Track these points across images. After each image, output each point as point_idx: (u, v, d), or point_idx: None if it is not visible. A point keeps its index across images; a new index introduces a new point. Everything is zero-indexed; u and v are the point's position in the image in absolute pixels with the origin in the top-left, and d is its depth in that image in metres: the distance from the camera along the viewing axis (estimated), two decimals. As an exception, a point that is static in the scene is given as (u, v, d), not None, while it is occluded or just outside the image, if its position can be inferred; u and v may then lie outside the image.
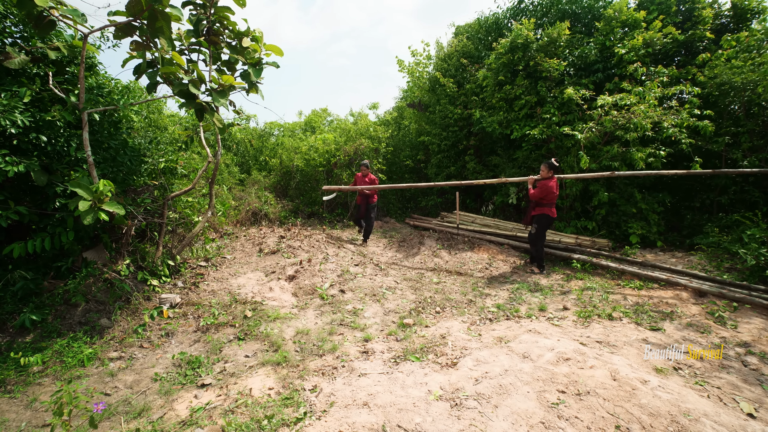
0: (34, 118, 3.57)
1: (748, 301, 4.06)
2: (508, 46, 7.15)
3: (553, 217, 5.32)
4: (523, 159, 7.37)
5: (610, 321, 3.92)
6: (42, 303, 3.73)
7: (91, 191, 3.24)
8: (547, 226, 5.38)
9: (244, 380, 2.92)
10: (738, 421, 2.36)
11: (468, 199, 9.18)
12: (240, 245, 6.53)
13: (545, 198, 5.22)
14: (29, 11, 2.95)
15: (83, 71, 3.65)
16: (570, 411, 2.38)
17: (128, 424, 2.49)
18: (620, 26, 7.10)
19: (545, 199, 5.23)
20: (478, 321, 4.03)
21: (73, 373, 3.06)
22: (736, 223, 5.66)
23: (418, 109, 10.05)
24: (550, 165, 5.22)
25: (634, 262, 5.41)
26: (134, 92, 4.97)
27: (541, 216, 5.34)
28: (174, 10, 3.47)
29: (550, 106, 6.79)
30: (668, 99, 6.37)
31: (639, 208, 6.33)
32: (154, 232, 4.99)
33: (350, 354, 3.30)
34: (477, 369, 2.91)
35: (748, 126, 5.89)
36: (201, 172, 5.13)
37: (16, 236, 3.92)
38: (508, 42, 7.15)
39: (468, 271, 5.68)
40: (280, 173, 9.53)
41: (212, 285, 4.85)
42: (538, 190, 5.26)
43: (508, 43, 7.15)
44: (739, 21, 6.83)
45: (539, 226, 5.35)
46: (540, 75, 7.02)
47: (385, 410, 2.45)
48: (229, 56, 4.24)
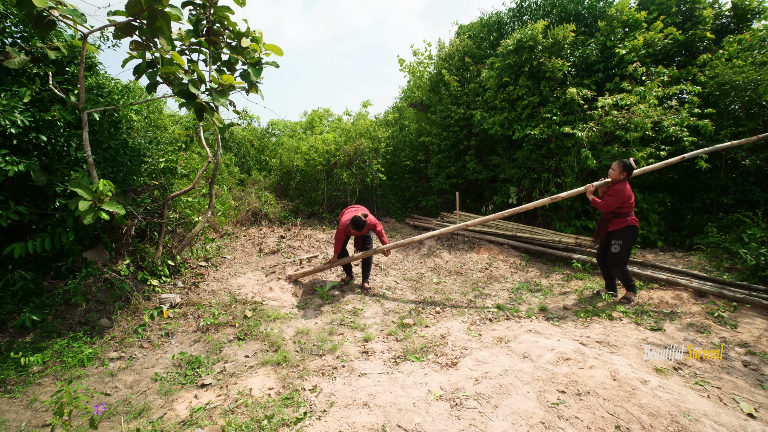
0: (34, 118, 3.57)
1: (748, 301, 4.05)
2: (515, 46, 7.06)
3: (638, 228, 4.23)
4: (523, 159, 7.36)
5: (610, 321, 3.92)
6: (42, 303, 3.73)
7: (91, 191, 3.24)
8: (634, 240, 4.23)
9: (244, 380, 2.92)
10: (738, 421, 2.36)
11: (468, 199, 9.17)
12: (240, 245, 6.53)
13: (624, 205, 4.14)
14: (29, 11, 2.94)
15: (83, 71, 3.65)
16: (570, 411, 2.38)
17: (128, 424, 2.49)
18: (621, 26, 7.09)
19: (624, 207, 4.15)
20: (478, 321, 4.03)
21: (73, 373, 3.06)
22: (736, 223, 5.65)
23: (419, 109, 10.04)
24: (624, 165, 4.14)
25: (634, 262, 5.40)
26: (134, 92, 4.97)
27: (626, 230, 4.16)
28: (174, 10, 3.47)
29: (552, 106, 6.78)
30: (668, 99, 6.37)
31: (640, 208, 6.33)
32: (154, 232, 4.99)
33: (350, 354, 3.30)
34: (477, 369, 2.91)
35: (749, 126, 5.88)
36: (201, 172, 5.13)
37: (16, 236, 3.92)
38: (514, 42, 7.06)
39: (468, 271, 5.68)
40: (280, 173, 9.53)
41: (212, 285, 4.85)
42: (611, 198, 4.14)
43: (514, 42, 7.06)
44: (739, 21, 6.82)
45: (624, 242, 4.16)
46: (543, 75, 7.00)
47: (385, 410, 2.45)
48: (228, 56, 4.24)
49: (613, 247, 4.19)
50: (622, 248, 4.15)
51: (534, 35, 6.84)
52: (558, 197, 4.57)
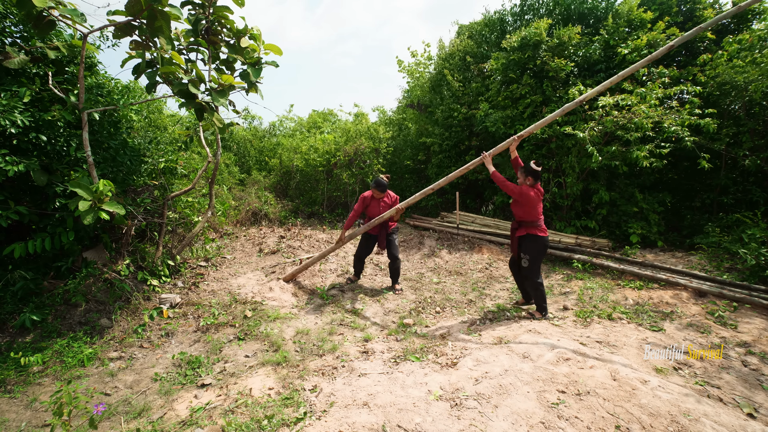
0: (34, 118, 3.57)
1: (748, 301, 4.05)
2: (519, 43, 7.09)
3: (546, 238, 3.85)
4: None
5: (611, 321, 3.91)
6: (42, 303, 3.73)
7: (91, 191, 3.23)
8: (543, 253, 3.86)
9: (244, 380, 2.92)
10: (738, 421, 2.36)
11: (468, 199, 9.17)
12: (240, 245, 6.53)
13: (527, 212, 3.81)
14: (29, 11, 2.94)
15: (83, 71, 3.65)
16: (570, 411, 2.38)
17: (128, 424, 2.49)
18: (626, 25, 7.08)
19: (529, 214, 3.81)
20: (478, 321, 4.03)
21: (73, 373, 3.06)
22: (736, 223, 5.65)
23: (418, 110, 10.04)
24: (527, 170, 3.79)
25: (634, 262, 5.41)
26: (134, 92, 4.97)
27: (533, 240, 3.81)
28: (173, 10, 3.47)
29: (555, 106, 6.78)
30: (669, 99, 6.36)
31: (640, 208, 6.33)
32: (154, 232, 4.99)
33: (350, 354, 3.30)
34: (477, 369, 2.90)
35: (749, 125, 5.88)
36: (201, 172, 5.13)
37: (16, 236, 3.92)
38: (518, 38, 7.09)
39: (468, 271, 5.68)
40: (280, 173, 9.52)
41: (212, 285, 4.85)
42: (517, 206, 3.87)
43: (519, 39, 7.09)
44: (740, 21, 6.82)
45: (531, 255, 3.81)
46: (546, 74, 7.01)
47: (385, 410, 2.45)
48: (228, 56, 4.24)
49: (523, 261, 3.90)
50: (530, 263, 3.85)
51: (538, 33, 6.85)
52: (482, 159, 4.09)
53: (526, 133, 4.06)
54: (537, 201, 3.79)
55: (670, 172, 6.81)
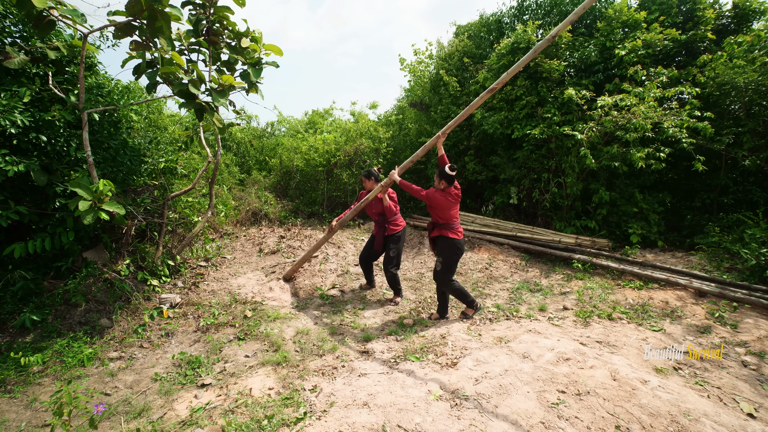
0: (34, 118, 3.57)
1: (749, 301, 4.05)
2: (510, 48, 7.16)
3: (460, 241, 3.77)
4: (523, 159, 7.36)
5: (611, 321, 3.92)
6: (42, 303, 3.73)
7: (91, 191, 3.23)
8: (456, 255, 3.79)
9: (244, 380, 2.92)
10: (738, 421, 2.36)
11: (468, 199, 9.17)
12: (240, 245, 6.53)
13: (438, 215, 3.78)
14: (29, 11, 2.94)
15: (83, 71, 3.65)
16: (570, 411, 2.38)
17: (128, 424, 2.49)
18: (621, 27, 7.09)
19: (441, 217, 3.77)
20: (478, 321, 4.03)
21: (73, 373, 3.06)
22: (736, 223, 5.65)
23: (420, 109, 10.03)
24: (441, 174, 3.76)
25: (634, 262, 5.41)
26: (134, 92, 4.97)
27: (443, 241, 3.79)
28: (173, 10, 3.47)
29: (550, 106, 6.79)
30: (668, 100, 6.36)
31: (640, 208, 6.33)
32: (154, 232, 4.99)
33: (350, 354, 3.30)
34: (477, 369, 2.90)
35: (749, 126, 5.88)
36: (201, 172, 5.13)
37: (16, 236, 3.92)
38: (509, 43, 7.17)
39: (468, 271, 5.68)
40: (280, 173, 9.52)
41: (212, 285, 4.85)
42: (431, 209, 3.84)
43: (509, 44, 7.16)
44: (740, 22, 6.81)
45: (444, 258, 3.78)
46: (540, 76, 7.03)
47: (385, 410, 2.45)
48: (228, 56, 4.24)
49: (437, 265, 3.86)
50: (443, 266, 3.80)
51: (528, 37, 6.88)
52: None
53: (449, 129, 4.07)
54: (450, 204, 3.76)
55: (670, 172, 6.81)
